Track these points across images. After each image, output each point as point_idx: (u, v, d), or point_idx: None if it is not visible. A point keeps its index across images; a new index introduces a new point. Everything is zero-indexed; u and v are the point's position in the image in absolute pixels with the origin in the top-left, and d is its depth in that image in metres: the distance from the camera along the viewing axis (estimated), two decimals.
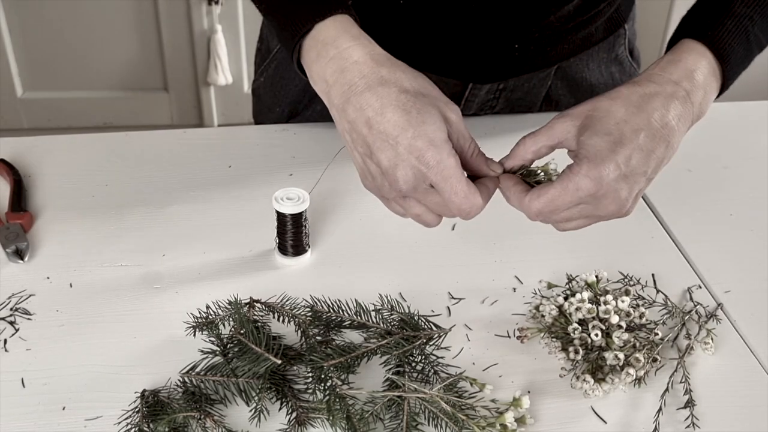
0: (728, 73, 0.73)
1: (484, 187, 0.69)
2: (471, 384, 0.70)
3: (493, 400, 0.69)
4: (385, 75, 0.66)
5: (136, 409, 0.68)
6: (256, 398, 0.68)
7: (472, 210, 0.67)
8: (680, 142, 0.71)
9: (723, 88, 0.74)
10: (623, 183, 0.67)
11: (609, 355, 0.71)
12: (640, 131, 0.67)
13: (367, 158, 0.68)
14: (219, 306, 0.77)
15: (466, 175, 0.67)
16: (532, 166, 0.72)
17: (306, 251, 0.86)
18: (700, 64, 0.72)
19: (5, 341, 0.76)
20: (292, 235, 0.84)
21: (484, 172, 0.70)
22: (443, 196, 0.66)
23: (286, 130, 1.07)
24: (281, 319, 0.77)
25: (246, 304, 0.77)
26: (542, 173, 0.72)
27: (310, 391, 0.70)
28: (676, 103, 0.69)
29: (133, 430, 0.67)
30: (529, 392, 0.72)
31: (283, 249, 0.85)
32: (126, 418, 0.68)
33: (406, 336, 0.74)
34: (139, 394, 0.70)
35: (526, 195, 0.68)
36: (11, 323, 0.78)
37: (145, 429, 0.67)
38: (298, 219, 0.82)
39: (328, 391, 0.69)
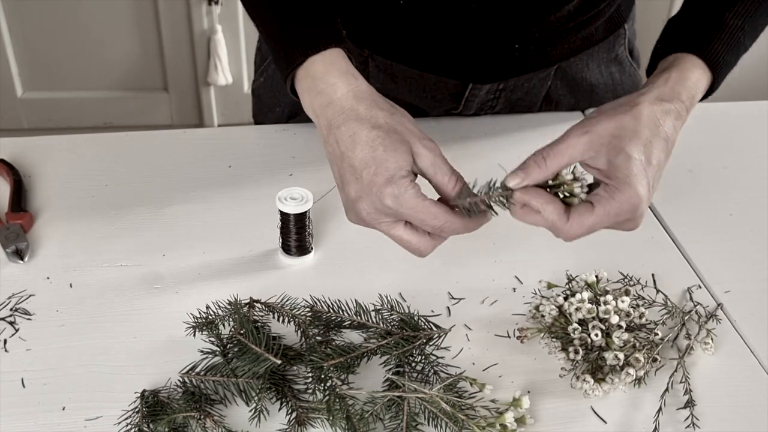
0: (716, 84, 0.77)
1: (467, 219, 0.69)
2: (471, 384, 0.70)
3: (493, 400, 0.69)
4: (361, 112, 0.70)
5: (136, 409, 0.68)
6: (256, 398, 0.68)
7: (446, 226, 0.68)
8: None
9: (707, 94, 0.77)
10: (646, 197, 0.68)
11: (609, 355, 0.71)
12: (661, 152, 0.70)
13: (341, 191, 0.72)
14: (219, 306, 0.77)
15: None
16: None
17: (310, 251, 0.86)
18: (701, 83, 0.75)
19: (5, 341, 0.76)
20: (296, 234, 0.84)
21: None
22: (416, 222, 0.69)
23: (286, 130, 1.07)
24: (281, 319, 0.77)
25: (246, 304, 0.77)
26: (566, 184, 0.69)
27: (310, 391, 0.70)
28: (679, 121, 0.72)
29: (133, 430, 0.67)
30: (529, 392, 0.72)
31: (286, 249, 0.85)
32: (126, 418, 0.68)
33: (406, 336, 0.74)
34: (139, 394, 0.70)
35: (566, 218, 0.67)
36: (11, 323, 0.78)
37: (145, 429, 0.67)
38: (301, 219, 0.82)
39: (328, 391, 0.69)
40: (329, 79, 0.72)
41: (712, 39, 0.76)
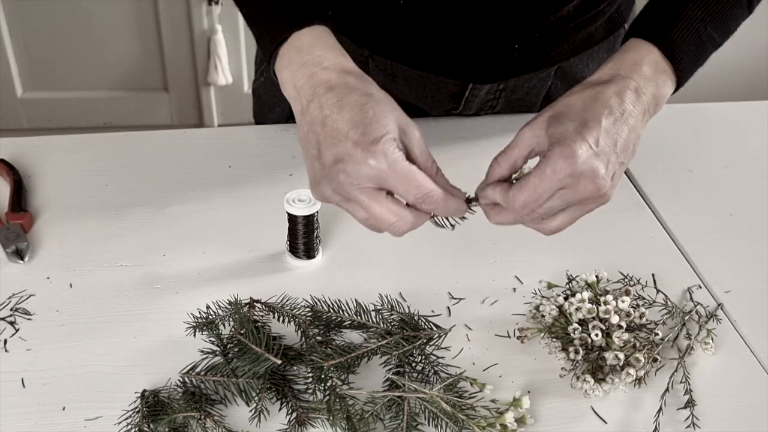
0: (681, 70, 0.75)
1: (450, 196, 0.69)
2: (471, 384, 0.70)
3: (493, 400, 0.69)
4: (351, 82, 0.68)
5: (136, 409, 0.68)
6: (256, 398, 0.68)
7: (429, 197, 0.66)
8: (642, 130, 0.72)
9: (679, 84, 0.76)
10: (596, 161, 0.67)
11: (609, 355, 0.71)
12: (601, 116, 0.69)
13: (315, 161, 0.68)
14: (219, 306, 0.77)
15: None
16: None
17: (317, 254, 0.86)
18: (646, 58, 0.74)
19: (5, 341, 0.76)
20: (304, 237, 0.83)
21: (447, 191, 0.69)
22: (399, 189, 0.66)
23: (286, 130, 1.07)
24: (281, 319, 0.77)
25: (246, 304, 0.77)
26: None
27: (310, 391, 0.70)
28: (628, 92, 0.71)
29: (133, 430, 0.67)
30: (529, 392, 0.72)
31: (294, 251, 0.85)
32: (126, 418, 0.68)
33: (406, 336, 0.74)
34: (139, 394, 0.70)
35: (509, 191, 0.68)
36: (11, 323, 0.78)
37: (145, 429, 0.67)
38: (309, 221, 0.82)
39: (328, 391, 0.69)
40: (316, 50, 0.70)
41: (666, 25, 0.75)
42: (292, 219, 0.82)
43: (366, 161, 0.64)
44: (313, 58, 0.70)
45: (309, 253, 0.85)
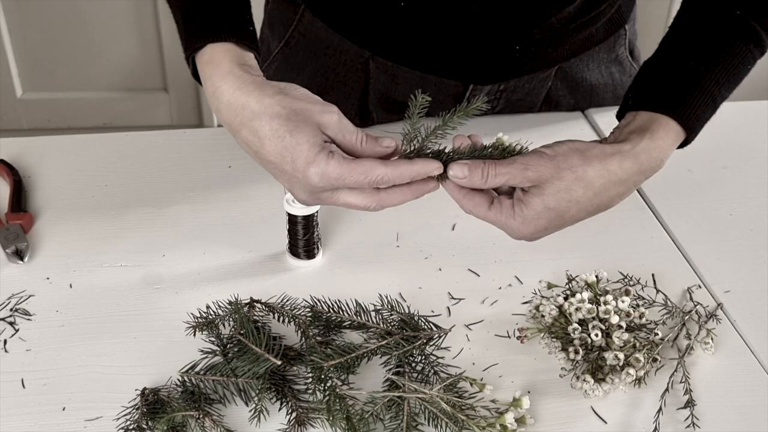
0: (690, 139, 0.77)
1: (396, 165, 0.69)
2: (471, 384, 0.70)
3: (493, 401, 0.69)
4: (254, 107, 0.68)
5: (136, 407, 0.68)
6: (255, 398, 0.68)
7: (381, 177, 0.67)
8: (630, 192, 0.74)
9: (683, 144, 0.77)
10: (538, 232, 0.71)
11: (609, 355, 0.71)
12: (583, 212, 0.71)
13: (276, 177, 0.72)
14: (219, 306, 0.77)
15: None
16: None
17: (317, 254, 0.86)
18: (672, 147, 0.75)
19: (5, 342, 0.76)
20: (304, 237, 0.83)
21: (379, 152, 0.70)
22: (353, 186, 0.68)
23: None
24: (281, 319, 0.77)
25: (246, 304, 0.77)
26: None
27: (310, 391, 0.70)
28: (637, 182, 0.73)
29: (132, 427, 0.67)
30: (529, 392, 0.72)
31: (294, 251, 0.85)
32: (125, 415, 0.68)
33: (406, 336, 0.74)
34: (139, 393, 0.70)
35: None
36: (11, 324, 0.78)
37: (144, 427, 0.67)
38: (309, 221, 0.82)
39: (328, 392, 0.69)
40: (215, 81, 0.70)
41: (687, 97, 0.75)
42: (292, 219, 0.82)
43: (310, 182, 0.67)
44: (215, 90, 0.70)
45: (309, 254, 0.85)
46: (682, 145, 0.77)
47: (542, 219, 0.70)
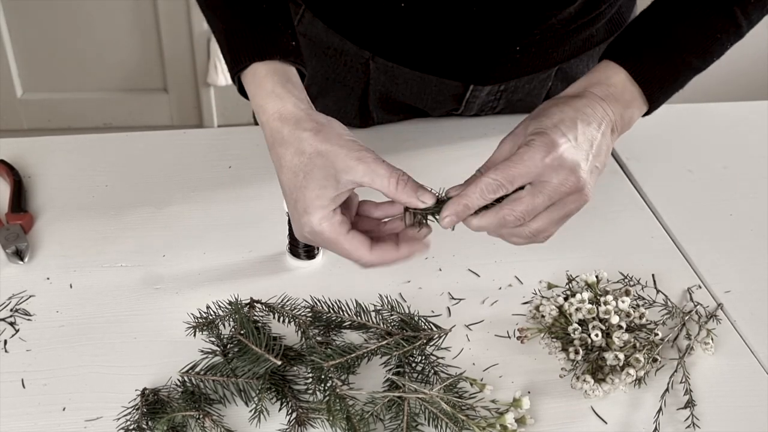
0: (651, 93, 0.76)
1: (384, 252, 0.70)
2: (471, 384, 0.70)
3: (493, 401, 0.69)
4: (286, 135, 0.70)
5: (136, 407, 0.68)
6: (255, 398, 0.68)
7: (363, 261, 0.69)
8: (611, 144, 0.73)
9: (651, 107, 0.77)
10: (577, 152, 0.68)
11: (609, 356, 0.71)
12: (576, 119, 0.70)
13: None
14: (219, 306, 0.77)
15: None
16: None
17: (317, 254, 0.86)
18: (613, 78, 0.75)
19: (5, 342, 0.76)
20: None
21: (414, 204, 0.68)
22: (336, 253, 0.70)
23: None
24: (281, 319, 0.77)
25: (246, 304, 0.77)
26: None
27: (310, 391, 0.70)
28: (597, 105, 0.73)
29: (132, 427, 0.67)
30: (529, 392, 0.72)
31: (294, 252, 0.85)
32: (125, 415, 0.68)
33: (406, 336, 0.74)
34: (139, 393, 0.70)
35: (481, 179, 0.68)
36: (11, 324, 0.78)
37: (144, 427, 0.67)
38: None
39: (328, 392, 0.69)
40: (258, 100, 0.72)
41: (640, 50, 0.76)
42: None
43: (301, 231, 0.70)
44: (258, 107, 0.72)
45: (309, 254, 0.85)
46: (650, 109, 0.77)
47: (554, 131, 0.68)
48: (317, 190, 0.67)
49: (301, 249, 0.84)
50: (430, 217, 0.69)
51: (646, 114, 0.77)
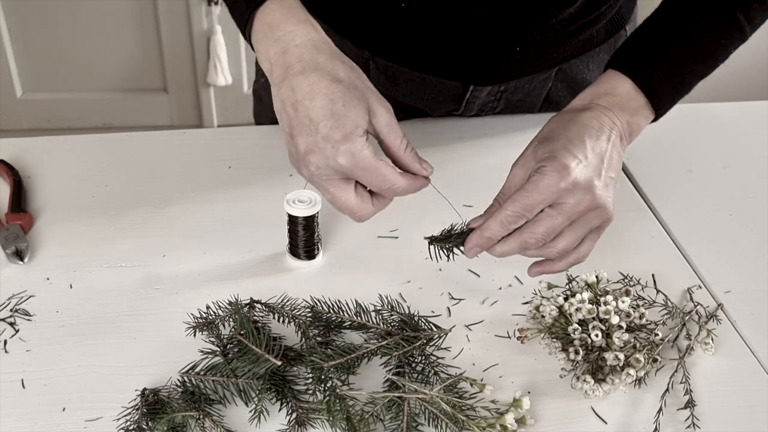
0: (657, 101, 0.77)
1: (412, 180, 0.71)
2: (471, 384, 0.70)
3: (493, 401, 0.69)
4: (321, 62, 0.68)
5: (136, 407, 0.68)
6: (255, 399, 0.68)
7: (393, 188, 0.69)
8: (622, 153, 0.75)
9: (657, 114, 0.78)
10: (589, 171, 0.70)
11: (609, 356, 0.71)
12: (583, 135, 0.71)
13: (289, 138, 0.70)
14: (219, 306, 0.77)
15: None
16: None
17: (318, 254, 0.86)
18: (618, 89, 0.76)
19: (5, 342, 0.76)
20: (304, 238, 0.83)
21: (415, 169, 0.71)
22: (365, 182, 0.69)
23: None
24: (281, 319, 0.77)
25: (246, 304, 0.77)
26: None
27: (310, 391, 0.70)
28: (603, 116, 0.74)
29: (132, 427, 0.67)
30: (529, 393, 0.72)
31: (294, 252, 0.85)
32: (125, 415, 0.68)
33: (407, 337, 0.74)
34: (139, 393, 0.70)
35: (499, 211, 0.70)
36: (11, 324, 0.78)
37: (144, 427, 0.67)
38: (310, 222, 0.82)
39: (328, 392, 0.69)
40: (287, 26, 0.70)
41: (646, 60, 0.77)
42: (292, 220, 0.82)
43: (335, 158, 0.66)
44: (285, 34, 0.70)
45: (309, 254, 0.85)
46: (656, 116, 0.78)
47: (565, 155, 0.69)
48: (358, 119, 0.67)
49: (301, 249, 0.84)
50: (455, 249, 0.73)
51: (653, 121, 0.79)
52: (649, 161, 1.04)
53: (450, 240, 0.73)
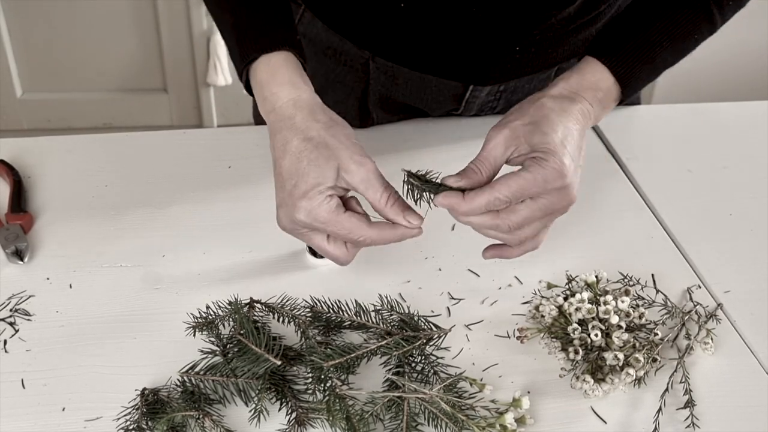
0: (627, 94, 0.80)
1: (388, 230, 0.72)
2: (471, 384, 0.70)
3: (493, 401, 0.69)
4: (297, 121, 0.72)
5: (136, 407, 0.68)
6: (255, 398, 0.68)
7: (360, 240, 0.72)
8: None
9: (622, 98, 0.81)
10: (577, 173, 0.72)
11: (609, 356, 0.71)
12: (574, 130, 0.73)
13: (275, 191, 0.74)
14: (219, 306, 0.77)
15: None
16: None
17: None
18: (602, 84, 0.78)
19: (5, 342, 0.76)
20: None
21: (399, 222, 0.72)
22: (331, 234, 0.72)
23: None
24: (281, 319, 0.77)
25: (246, 304, 0.77)
26: None
27: (310, 391, 0.70)
28: (586, 111, 0.76)
29: (132, 427, 0.67)
30: (529, 392, 0.72)
31: (314, 251, 0.85)
32: (125, 415, 0.68)
33: (406, 336, 0.74)
34: (139, 393, 0.70)
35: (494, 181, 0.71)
36: (11, 324, 0.78)
37: (144, 427, 0.67)
38: None
39: (327, 392, 0.69)
40: (271, 87, 0.74)
41: (621, 49, 0.79)
42: None
43: (294, 213, 0.71)
44: (271, 95, 0.74)
45: None
46: (628, 90, 0.80)
47: (564, 153, 0.70)
48: (320, 177, 0.70)
49: None
50: (425, 194, 0.72)
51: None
52: (649, 161, 1.04)
53: (427, 184, 0.72)
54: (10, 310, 0.79)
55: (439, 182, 0.72)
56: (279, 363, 0.69)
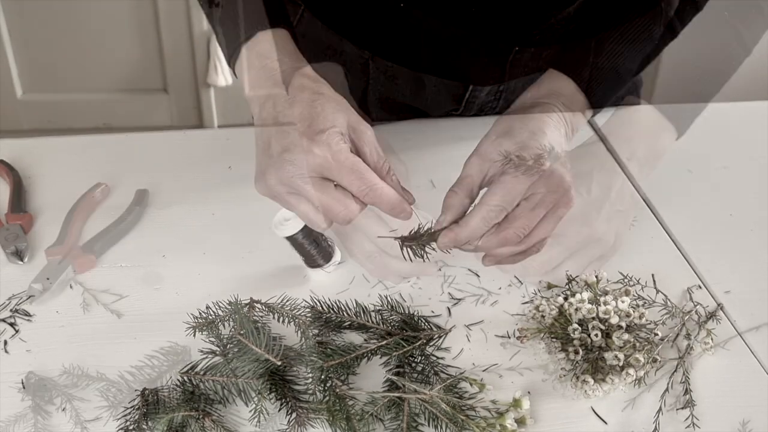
0: (593, 106, 0.81)
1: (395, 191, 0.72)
2: (471, 385, 0.70)
3: (493, 401, 0.69)
4: (305, 83, 0.72)
5: (136, 407, 0.68)
6: (255, 399, 0.68)
7: (370, 191, 0.69)
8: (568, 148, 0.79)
9: (594, 105, 0.82)
10: (565, 165, 0.74)
11: (609, 356, 0.71)
12: (543, 127, 0.75)
13: (263, 153, 0.71)
14: (219, 306, 0.77)
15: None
16: None
17: (334, 252, 0.83)
18: (563, 90, 0.80)
19: (5, 342, 0.76)
20: (312, 245, 0.81)
21: (397, 190, 0.71)
22: (341, 179, 0.68)
23: None
24: (281, 319, 0.77)
25: (246, 304, 0.77)
26: None
27: (310, 391, 0.70)
28: (553, 109, 0.79)
29: (132, 427, 0.67)
30: (529, 393, 0.72)
31: (312, 263, 0.82)
32: (125, 415, 0.68)
33: (406, 337, 0.74)
34: (139, 393, 0.70)
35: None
36: (11, 324, 0.78)
37: (144, 427, 0.67)
38: (306, 231, 0.79)
39: (328, 392, 0.69)
40: (275, 55, 0.74)
41: (592, 71, 0.82)
42: (291, 240, 0.79)
43: (310, 150, 0.67)
44: (272, 62, 0.73)
45: (327, 257, 0.82)
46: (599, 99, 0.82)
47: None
48: (336, 120, 0.68)
49: (317, 256, 0.82)
50: (427, 247, 0.73)
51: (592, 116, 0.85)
52: None
53: (422, 238, 0.73)
54: (11, 311, 0.79)
55: (431, 230, 0.73)
56: (279, 363, 0.69)
